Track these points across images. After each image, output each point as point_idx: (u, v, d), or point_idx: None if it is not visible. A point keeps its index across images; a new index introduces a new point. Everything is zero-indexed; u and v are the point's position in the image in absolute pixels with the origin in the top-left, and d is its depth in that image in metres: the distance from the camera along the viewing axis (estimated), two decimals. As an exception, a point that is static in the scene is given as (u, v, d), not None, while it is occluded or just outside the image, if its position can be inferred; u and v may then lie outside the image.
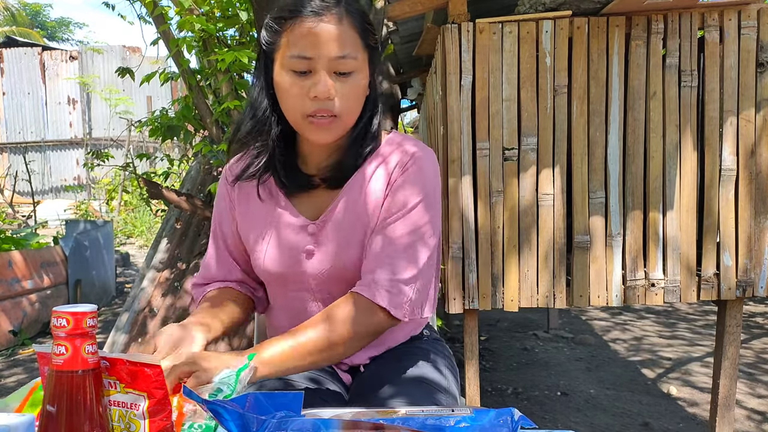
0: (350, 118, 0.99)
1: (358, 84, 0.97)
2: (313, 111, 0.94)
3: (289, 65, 0.94)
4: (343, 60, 0.93)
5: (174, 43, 2.69)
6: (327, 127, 0.96)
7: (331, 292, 1.06)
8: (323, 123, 0.95)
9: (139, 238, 9.74)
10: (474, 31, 2.00)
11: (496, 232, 2.05)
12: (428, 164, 1.04)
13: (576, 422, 2.64)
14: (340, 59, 0.93)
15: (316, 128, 0.96)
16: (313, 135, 0.98)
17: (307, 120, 0.96)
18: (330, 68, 0.93)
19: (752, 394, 2.97)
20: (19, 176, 10.15)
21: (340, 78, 0.94)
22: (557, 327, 4.22)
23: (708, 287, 2.08)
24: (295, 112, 0.97)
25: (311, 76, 0.94)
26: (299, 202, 1.07)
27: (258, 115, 1.02)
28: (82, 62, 14.59)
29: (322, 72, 0.93)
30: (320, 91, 0.93)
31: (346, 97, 0.95)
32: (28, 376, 3.44)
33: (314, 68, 0.93)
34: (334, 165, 1.04)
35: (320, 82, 0.93)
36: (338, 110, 0.95)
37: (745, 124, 2.03)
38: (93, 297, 5.10)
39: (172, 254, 3.09)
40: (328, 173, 1.04)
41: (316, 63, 0.93)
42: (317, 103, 0.94)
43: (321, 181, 1.05)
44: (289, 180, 1.05)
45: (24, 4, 20.72)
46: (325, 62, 0.93)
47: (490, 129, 2.03)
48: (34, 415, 0.61)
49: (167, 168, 3.67)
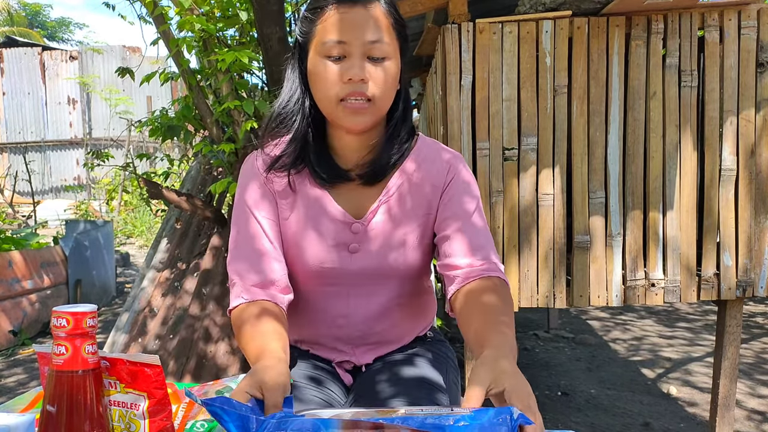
0: (383, 104, 1.00)
1: (391, 70, 0.98)
2: (346, 94, 0.96)
3: (323, 51, 0.96)
4: (377, 44, 0.95)
5: (174, 43, 2.68)
6: (361, 111, 0.97)
7: (368, 288, 1.08)
8: (357, 106, 0.96)
9: (139, 238, 9.74)
10: (474, 31, 2.00)
11: (496, 232, 2.05)
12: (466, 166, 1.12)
13: (576, 422, 2.64)
14: (375, 43, 0.95)
15: (351, 112, 0.97)
16: (346, 119, 0.98)
17: (341, 105, 0.97)
18: (364, 53, 0.95)
19: (752, 394, 2.97)
20: (19, 176, 10.15)
21: (374, 63, 0.96)
22: (557, 327, 4.22)
23: (708, 287, 2.08)
24: (330, 97, 0.97)
25: (346, 60, 0.96)
26: (339, 197, 1.06)
27: (290, 106, 1.04)
28: (82, 62, 14.59)
29: (357, 56, 0.95)
30: (355, 74, 0.94)
31: (379, 82, 0.96)
32: (28, 376, 3.44)
33: (349, 53, 0.95)
34: (373, 162, 1.04)
35: (355, 65, 0.95)
36: (372, 94, 0.96)
37: (745, 124, 2.03)
38: (93, 297, 5.10)
39: (172, 254, 3.09)
40: (367, 169, 1.04)
41: (351, 47, 0.95)
42: (351, 86, 0.95)
43: (358, 177, 1.05)
44: (324, 171, 1.04)
45: (24, 4, 20.73)
46: (359, 46, 0.95)
47: (490, 129, 2.03)
48: (35, 415, 0.61)
49: (167, 168, 3.67)
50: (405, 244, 1.05)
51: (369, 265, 1.06)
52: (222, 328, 2.74)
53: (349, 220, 1.05)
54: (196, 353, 2.66)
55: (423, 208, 1.06)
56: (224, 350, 2.67)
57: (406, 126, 1.06)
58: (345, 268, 1.06)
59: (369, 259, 1.05)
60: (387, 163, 1.04)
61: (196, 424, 0.69)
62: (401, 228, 1.06)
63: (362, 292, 1.09)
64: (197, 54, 2.84)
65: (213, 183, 3.24)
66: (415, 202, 1.05)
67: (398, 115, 1.05)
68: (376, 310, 1.10)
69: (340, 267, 1.06)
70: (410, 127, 1.08)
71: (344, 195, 1.06)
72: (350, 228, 1.05)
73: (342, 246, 1.06)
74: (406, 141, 1.06)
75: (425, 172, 1.06)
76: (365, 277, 1.07)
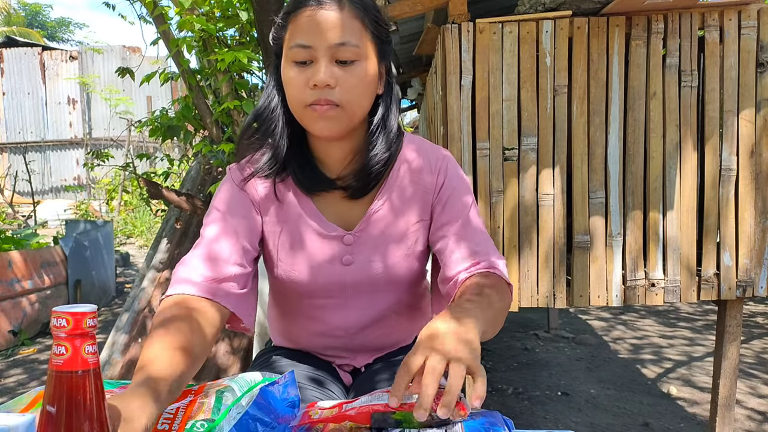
0: (354, 110, 0.94)
1: (361, 73, 0.93)
2: (313, 100, 0.91)
3: (291, 56, 0.93)
4: (343, 47, 0.91)
5: (174, 43, 2.68)
6: (328, 116, 0.92)
7: (364, 298, 1.06)
8: (323, 110, 0.91)
9: (139, 238, 9.74)
10: (474, 31, 2.00)
11: (497, 232, 2.05)
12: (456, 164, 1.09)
13: (576, 422, 2.64)
14: (340, 46, 0.90)
15: (318, 116, 0.92)
16: (314, 125, 0.94)
17: (308, 110, 0.93)
18: (331, 56, 0.91)
19: (752, 394, 2.97)
20: (19, 176, 10.15)
21: (341, 67, 0.92)
22: (558, 327, 4.22)
23: (708, 287, 2.08)
24: (297, 103, 0.94)
25: (312, 65, 0.92)
26: (326, 207, 1.03)
27: (267, 112, 1.00)
28: (82, 62, 14.59)
29: (323, 60, 0.91)
30: (319, 80, 0.90)
31: (348, 86, 0.92)
32: (28, 376, 3.44)
33: (315, 57, 0.91)
34: (356, 173, 1.00)
35: (320, 70, 0.90)
36: (339, 99, 0.91)
37: (745, 124, 2.03)
38: (93, 297, 5.10)
39: (172, 254, 3.09)
40: (351, 182, 1.00)
41: (317, 52, 0.91)
42: (317, 92, 0.91)
43: (344, 188, 1.00)
44: (308, 178, 1.00)
45: (24, 4, 20.72)
46: (325, 50, 0.91)
47: (490, 129, 2.03)
48: (35, 416, 0.61)
49: (167, 168, 3.67)
50: (399, 252, 1.03)
51: (364, 276, 1.03)
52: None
53: (340, 233, 1.02)
54: (196, 353, 2.66)
55: (416, 215, 1.03)
56: (224, 350, 2.67)
57: (387, 131, 1.00)
58: (340, 281, 1.04)
59: (364, 271, 1.03)
60: (371, 173, 0.99)
61: (196, 424, 0.69)
62: (394, 237, 1.03)
63: (359, 303, 1.07)
64: (197, 54, 2.84)
65: (213, 183, 3.24)
66: (407, 210, 1.03)
67: (378, 120, 0.99)
68: (374, 319, 1.09)
69: (335, 281, 1.04)
70: (395, 132, 1.02)
71: (332, 205, 1.03)
72: (342, 240, 1.02)
73: (335, 259, 1.03)
74: (388, 148, 0.99)
75: (415, 177, 1.03)
76: (361, 288, 1.05)
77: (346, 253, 1.03)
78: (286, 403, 0.77)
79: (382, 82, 1.00)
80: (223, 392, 0.75)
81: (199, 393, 0.76)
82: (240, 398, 0.75)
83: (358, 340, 1.12)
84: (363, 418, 0.71)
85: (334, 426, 0.72)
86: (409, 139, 1.07)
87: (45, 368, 3.59)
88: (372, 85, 0.96)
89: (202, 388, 0.78)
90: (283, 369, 1.11)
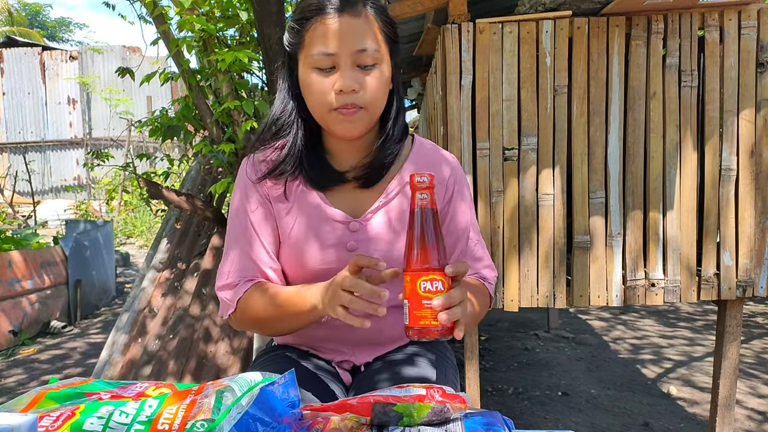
0: (375, 110, 1.01)
1: (381, 76, 0.98)
2: (339, 105, 0.97)
3: (313, 63, 0.97)
4: (365, 53, 0.95)
5: (174, 43, 2.68)
6: (353, 118, 0.98)
7: None
8: (349, 113, 0.97)
9: (139, 238, 9.74)
10: (474, 31, 2.00)
11: (497, 232, 2.05)
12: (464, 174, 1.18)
13: (577, 422, 2.64)
14: (362, 52, 0.95)
15: (343, 119, 0.98)
16: (339, 127, 0.99)
17: (334, 113, 0.98)
18: (353, 62, 0.96)
19: (752, 394, 2.97)
20: (19, 176, 10.16)
21: (363, 71, 0.97)
22: (558, 327, 4.22)
23: (708, 287, 2.08)
24: (322, 108, 0.98)
25: (336, 71, 0.96)
26: (335, 199, 1.08)
27: (284, 117, 1.05)
28: (82, 62, 14.59)
29: (346, 66, 0.95)
30: (346, 85, 0.95)
31: (370, 89, 0.97)
32: (28, 376, 3.44)
33: (338, 63, 0.96)
34: (369, 164, 1.05)
35: (345, 76, 0.95)
36: (364, 102, 0.97)
37: (745, 124, 2.03)
38: (93, 297, 5.10)
39: (172, 254, 3.09)
40: (363, 172, 1.05)
41: (339, 58, 0.95)
42: (343, 98, 0.96)
43: (354, 179, 1.06)
44: (319, 175, 1.06)
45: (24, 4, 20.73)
46: (348, 56, 0.95)
47: (490, 129, 2.03)
48: (37, 415, 0.61)
49: (167, 168, 3.66)
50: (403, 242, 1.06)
51: None
52: (222, 328, 2.74)
53: (347, 219, 1.06)
54: (196, 353, 2.66)
55: None
56: (224, 350, 2.67)
57: (399, 125, 1.07)
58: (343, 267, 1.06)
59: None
60: (383, 164, 1.06)
61: (196, 424, 0.69)
62: (400, 228, 1.06)
63: None
64: (197, 54, 2.84)
65: (213, 183, 3.24)
66: None
67: (392, 115, 1.06)
68: None
69: (338, 267, 1.05)
70: (404, 126, 1.09)
71: (341, 197, 1.07)
72: (348, 226, 1.06)
73: (340, 246, 1.06)
74: (399, 140, 1.07)
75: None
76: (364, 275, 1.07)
77: (351, 239, 1.06)
78: (286, 403, 0.77)
79: (392, 78, 1.04)
80: (223, 392, 0.75)
81: (199, 393, 0.76)
82: (240, 398, 0.75)
83: (359, 333, 1.12)
84: (364, 409, 0.71)
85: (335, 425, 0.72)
86: (420, 140, 1.14)
87: (45, 368, 3.59)
88: (388, 84, 1.02)
89: (202, 388, 0.78)
90: (283, 369, 1.10)
